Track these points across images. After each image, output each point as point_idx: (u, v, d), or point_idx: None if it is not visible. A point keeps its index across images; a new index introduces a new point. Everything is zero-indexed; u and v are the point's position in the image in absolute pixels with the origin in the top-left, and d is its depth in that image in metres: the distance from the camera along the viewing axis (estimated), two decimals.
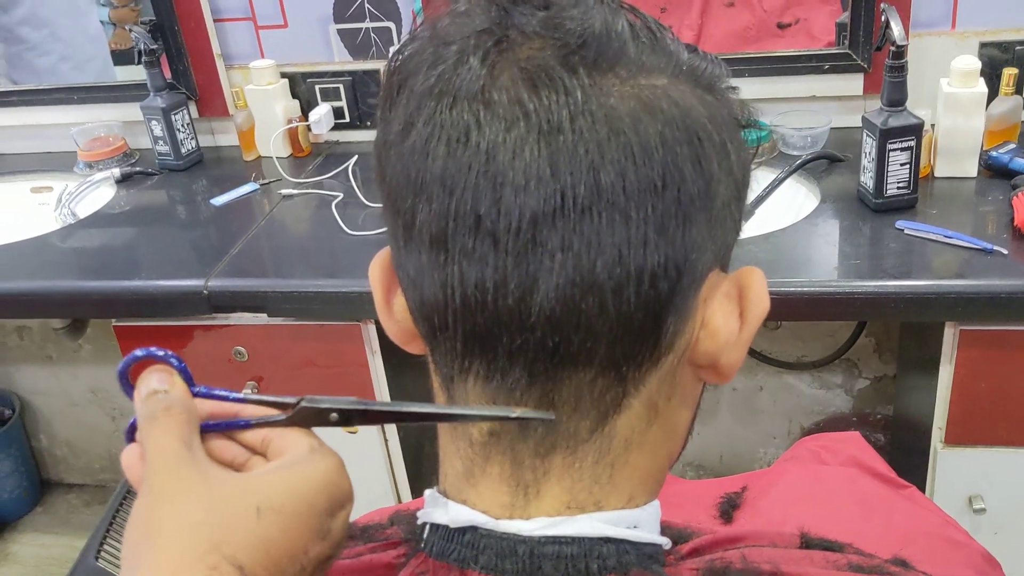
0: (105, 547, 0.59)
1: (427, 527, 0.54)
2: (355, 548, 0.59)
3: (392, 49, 0.51)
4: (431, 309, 0.49)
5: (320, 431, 0.54)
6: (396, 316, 0.54)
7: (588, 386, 0.49)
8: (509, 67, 0.46)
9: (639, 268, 0.45)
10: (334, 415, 0.53)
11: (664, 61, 0.48)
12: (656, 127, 0.45)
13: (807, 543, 0.58)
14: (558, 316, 0.46)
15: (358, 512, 0.74)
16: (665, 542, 0.54)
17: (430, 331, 0.50)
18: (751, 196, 1.76)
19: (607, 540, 0.50)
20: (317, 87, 1.96)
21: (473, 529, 0.51)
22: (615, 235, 0.45)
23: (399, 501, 1.74)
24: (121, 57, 2.08)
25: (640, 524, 0.52)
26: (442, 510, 0.53)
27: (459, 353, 0.49)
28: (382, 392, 1.58)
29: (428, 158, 0.46)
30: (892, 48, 1.43)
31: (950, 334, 1.37)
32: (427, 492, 0.55)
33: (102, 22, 2.08)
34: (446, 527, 0.52)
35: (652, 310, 0.47)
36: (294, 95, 1.98)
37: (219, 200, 1.83)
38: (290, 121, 1.96)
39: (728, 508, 1.08)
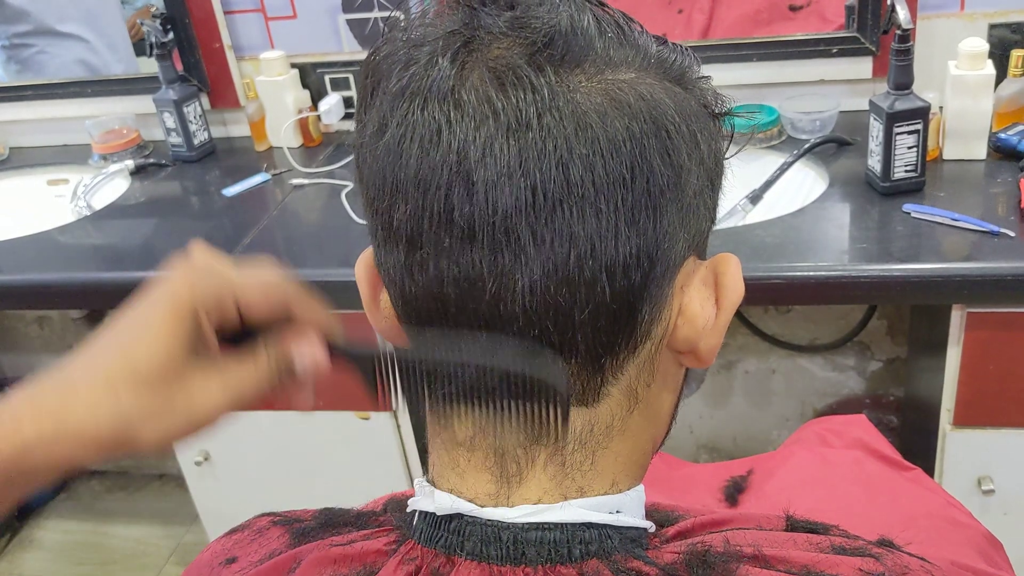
0: None
1: (416, 515, 0.55)
2: (349, 535, 0.61)
3: (367, 52, 0.51)
4: (411, 306, 0.50)
5: (341, 420, 0.53)
6: (383, 312, 0.56)
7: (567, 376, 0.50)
8: (478, 67, 0.47)
9: (611, 259, 0.47)
10: None
11: (632, 55, 0.49)
12: (623, 121, 0.46)
13: (792, 526, 0.59)
14: (534, 309, 0.47)
15: (370, 497, 0.76)
16: (649, 526, 0.55)
17: (412, 327, 0.51)
18: (760, 182, 1.76)
19: (590, 525, 0.52)
20: (327, 77, 1.97)
21: (459, 517, 0.52)
22: (586, 228, 0.46)
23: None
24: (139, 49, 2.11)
25: (623, 509, 0.53)
26: (429, 498, 0.54)
27: (441, 348, 0.50)
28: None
29: (402, 158, 0.47)
30: (897, 31, 1.42)
31: (957, 316, 1.37)
32: (416, 481, 0.57)
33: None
34: (433, 515, 0.54)
35: (626, 299, 0.48)
36: (304, 85, 1.99)
37: (231, 191, 1.85)
38: (300, 111, 1.97)
39: (734, 491, 1.09)
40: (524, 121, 0.45)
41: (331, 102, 1.95)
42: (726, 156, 0.54)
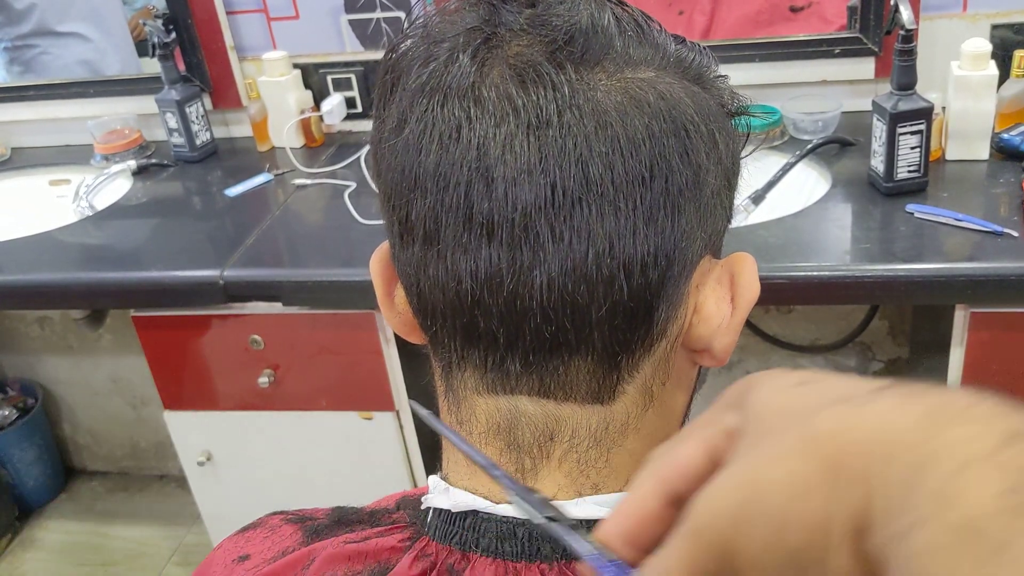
0: None
1: (431, 512, 0.55)
2: (363, 532, 0.60)
3: (386, 48, 0.51)
4: (428, 302, 0.50)
5: (343, 420, 0.50)
6: (397, 308, 0.55)
7: (583, 374, 0.50)
8: (498, 64, 0.47)
9: (629, 258, 0.47)
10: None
11: (651, 53, 0.49)
12: (643, 120, 0.46)
13: None
14: (552, 306, 0.47)
15: (373, 497, 0.76)
16: None
17: (428, 323, 0.51)
18: (763, 182, 1.76)
19: None
20: (329, 78, 1.97)
21: (474, 513, 0.52)
22: (605, 226, 0.46)
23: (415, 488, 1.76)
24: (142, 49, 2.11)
25: None
26: (444, 495, 0.54)
27: (457, 344, 0.50)
28: (396, 379, 1.60)
29: (421, 154, 0.47)
30: (901, 32, 1.43)
31: (961, 317, 1.37)
32: (430, 478, 0.57)
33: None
34: (448, 511, 0.54)
35: (643, 298, 0.48)
36: (306, 86, 2.00)
37: (234, 191, 1.85)
38: (303, 112, 1.97)
39: None
40: (544, 118, 0.45)
41: (333, 102, 1.95)
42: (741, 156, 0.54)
